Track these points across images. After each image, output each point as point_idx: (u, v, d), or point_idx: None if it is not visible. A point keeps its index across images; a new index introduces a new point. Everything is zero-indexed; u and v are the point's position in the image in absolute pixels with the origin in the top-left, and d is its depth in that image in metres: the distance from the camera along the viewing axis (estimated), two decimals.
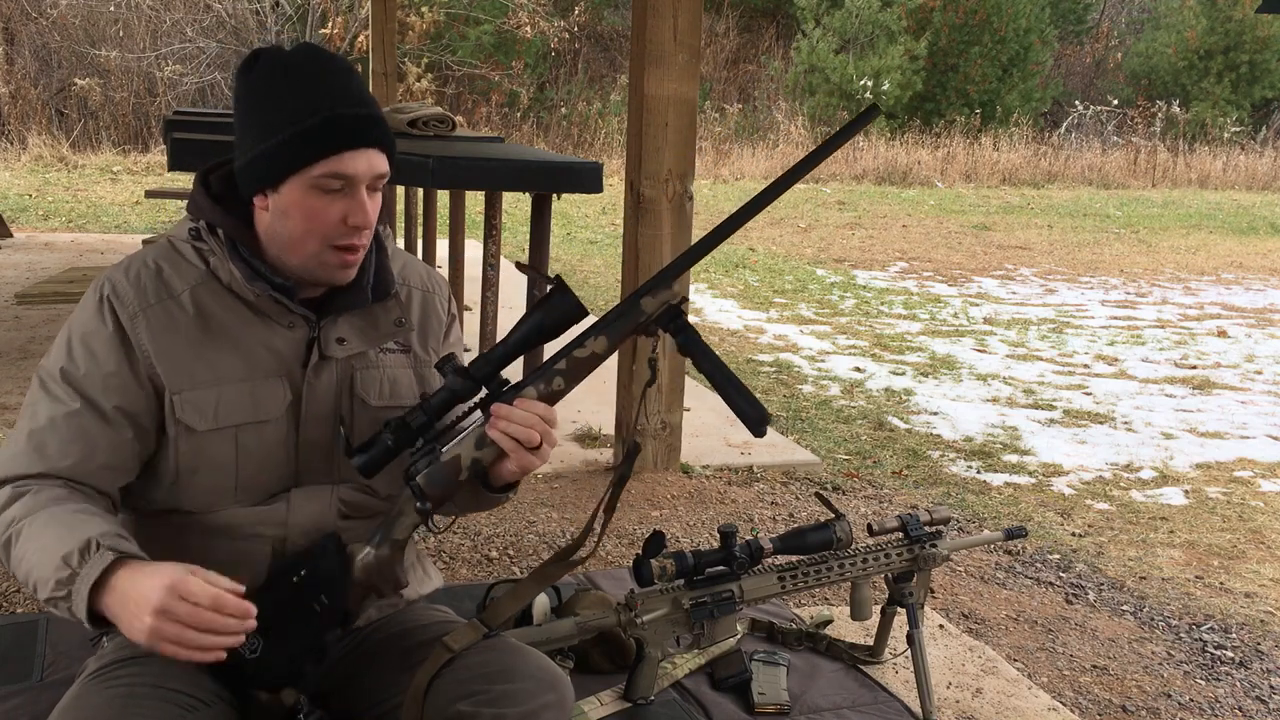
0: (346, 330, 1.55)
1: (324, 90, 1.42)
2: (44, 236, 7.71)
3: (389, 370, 1.59)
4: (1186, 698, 2.44)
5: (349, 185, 1.43)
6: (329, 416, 1.54)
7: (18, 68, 13.00)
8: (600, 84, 16.22)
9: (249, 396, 1.49)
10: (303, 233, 1.44)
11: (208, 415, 1.47)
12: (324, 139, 1.40)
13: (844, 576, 2.00)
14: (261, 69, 1.44)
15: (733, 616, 1.94)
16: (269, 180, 1.43)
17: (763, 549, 1.92)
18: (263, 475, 1.52)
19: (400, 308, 1.61)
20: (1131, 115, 17.68)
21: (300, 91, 1.41)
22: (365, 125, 1.44)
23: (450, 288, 1.75)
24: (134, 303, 1.46)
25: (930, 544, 2.04)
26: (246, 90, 1.45)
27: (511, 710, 1.46)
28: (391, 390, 1.59)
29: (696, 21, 3.32)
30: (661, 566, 1.85)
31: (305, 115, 1.40)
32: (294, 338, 1.52)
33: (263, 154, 1.41)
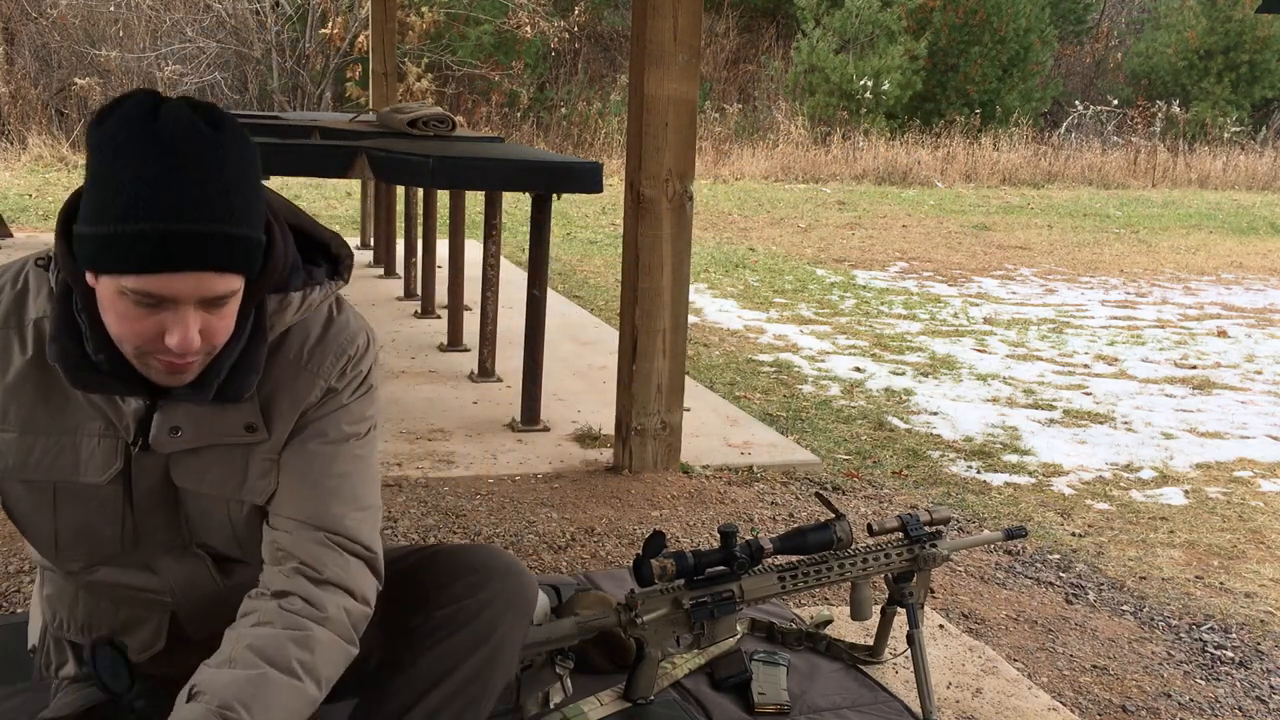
0: (185, 420, 1.34)
1: (167, 190, 1.14)
2: (44, 236, 7.70)
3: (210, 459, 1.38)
4: (1186, 698, 2.44)
5: (168, 303, 1.19)
6: (157, 492, 1.39)
7: (18, 68, 13.00)
8: (600, 84, 16.22)
9: (70, 452, 1.33)
10: (119, 334, 1.23)
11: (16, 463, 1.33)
12: (139, 255, 1.15)
13: (844, 576, 2.00)
14: (114, 127, 1.16)
15: (733, 616, 1.93)
16: (86, 266, 1.20)
17: (763, 549, 1.92)
18: (86, 539, 1.39)
19: (254, 411, 1.35)
20: (1131, 115, 17.67)
21: (137, 182, 1.14)
22: (201, 246, 1.16)
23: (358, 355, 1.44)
24: None
25: (930, 544, 2.04)
26: (91, 145, 1.19)
27: (466, 600, 1.46)
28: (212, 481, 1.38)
29: (696, 21, 3.32)
30: (662, 566, 1.85)
31: (120, 219, 1.14)
32: (128, 407, 1.33)
33: (85, 236, 1.18)
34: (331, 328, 1.41)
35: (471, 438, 3.82)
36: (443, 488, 3.37)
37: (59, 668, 1.52)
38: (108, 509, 1.37)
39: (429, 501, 3.26)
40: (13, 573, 2.64)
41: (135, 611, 1.48)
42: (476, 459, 3.62)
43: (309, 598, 1.32)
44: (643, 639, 1.91)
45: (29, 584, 2.60)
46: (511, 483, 3.47)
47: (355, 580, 1.37)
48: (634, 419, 3.54)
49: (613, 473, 3.57)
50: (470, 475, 3.48)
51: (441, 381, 4.52)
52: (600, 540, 3.06)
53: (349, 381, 1.41)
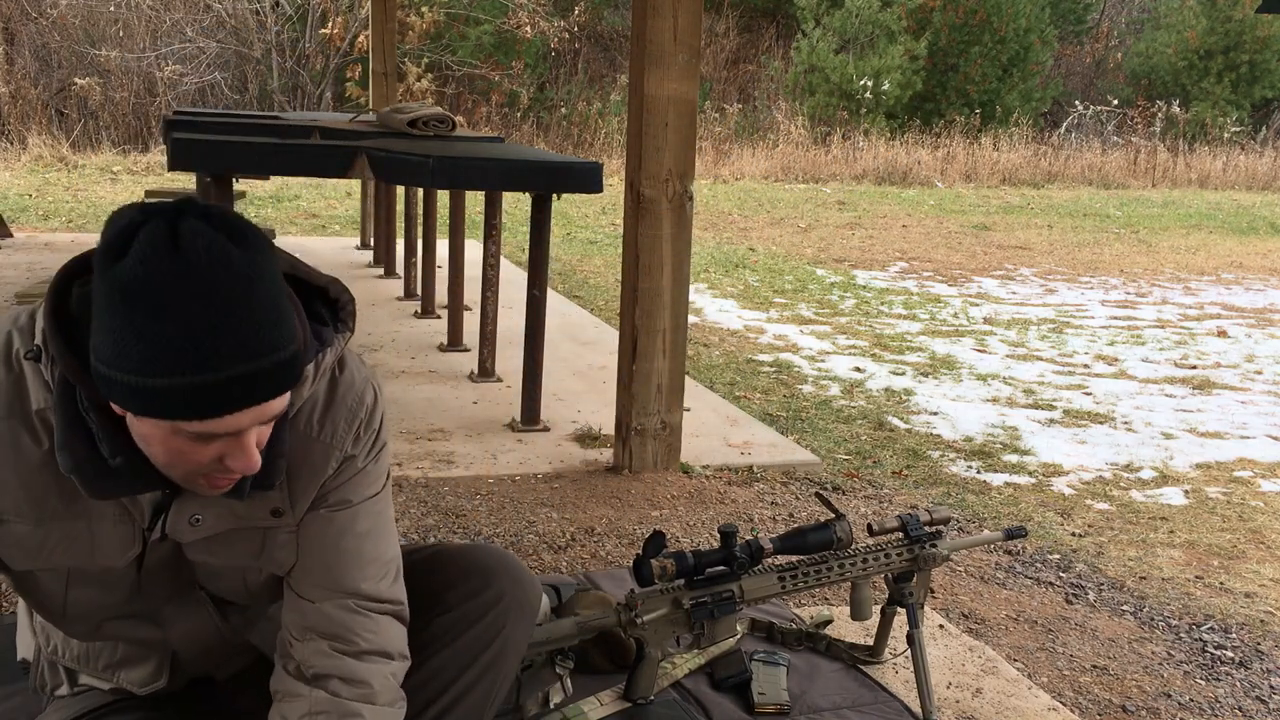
0: (204, 508, 1.29)
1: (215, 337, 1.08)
2: (44, 236, 7.70)
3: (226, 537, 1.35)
4: (1186, 698, 2.44)
5: (229, 437, 1.16)
6: (168, 563, 1.35)
7: (18, 68, 13.00)
8: (600, 84, 16.22)
9: (87, 540, 1.28)
10: (169, 464, 1.18)
11: (29, 555, 1.29)
12: (193, 405, 1.10)
13: (844, 576, 2.00)
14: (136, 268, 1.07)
15: (733, 616, 1.93)
16: (124, 408, 1.14)
17: (763, 549, 1.92)
18: (93, 610, 1.37)
19: (282, 496, 1.32)
20: (1131, 115, 17.67)
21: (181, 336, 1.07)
22: (255, 386, 1.12)
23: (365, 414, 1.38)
24: None
25: (930, 544, 2.04)
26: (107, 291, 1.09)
27: (471, 603, 1.47)
28: (227, 553, 1.35)
29: (696, 21, 3.32)
30: (662, 566, 1.85)
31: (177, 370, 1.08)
32: (144, 496, 1.28)
33: (117, 382, 1.10)
34: (338, 390, 1.34)
35: (471, 438, 3.82)
36: (443, 488, 3.38)
37: (54, 689, 1.52)
38: (120, 582, 1.34)
39: (429, 501, 3.26)
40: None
41: (134, 653, 1.46)
42: (476, 459, 3.62)
43: (352, 677, 1.33)
44: (643, 639, 1.91)
45: None
46: (511, 483, 3.47)
47: (390, 641, 1.37)
48: (634, 419, 3.54)
49: (613, 473, 3.57)
50: (470, 475, 3.48)
51: (441, 381, 4.52)
52: (600, 540, 3.06)
53: (363, 446, 1.37)
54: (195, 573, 1.37)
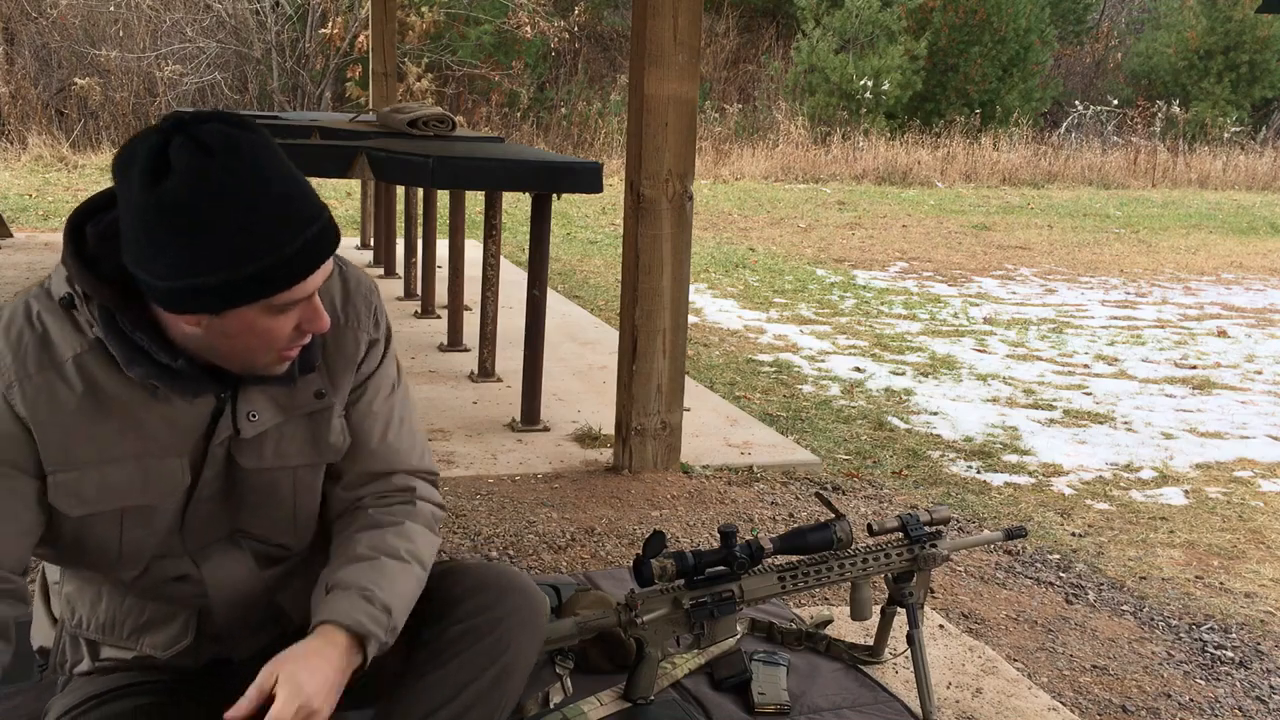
0: (260, 402, 1.40)
1: (278, 216, 1.22)
2: (44, 236, 7.70)
3: (276, 434, 1.43)
4: (1186, 698, 2.44)
5: (301, 300, 1.30)
6: (216, 480, 1.43)
7: (18, 68, 13.00)
8: (600, 84, 16.22)
9: (140, 476, 1.35)
10: (251, 349, 1.30)
11: (87, 500, 1.33)
12: (289, 274, 1.24)
13: (844, 576, 2.00)
14: (184, 184, 1.17)
15: (733, 616, 1.93)
16: (213, 311, 1.24)
17: (763, 549, 1.92)
18: (147, 546, 1.42)
19: (322, 377, 1.44)
20: (1131, 115, 17.68)
21: (254, 221, 1.20)
22: (325, 241, 1.27)
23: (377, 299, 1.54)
24: (11, 370, 1.29)
25: (930, 544, 2.04)
26: (163, 207, 1.18)
27: (480, 618, 1.49)
28: (278, 451, 1.44)
29: (696, 21, 3.32)
30: (662, 567, 1.85)
31: (266, 251, 1.21)
32: (197, 410, 1.36)
33: (204, 288, 1.21)
34: (349, 281, 1.49)
35: (471, 438, 3.82)
36: (443, 488, 3.37)
37: (74, 665, 1.53)
38: (169, 517, 1.41)
39: None
40: None
41: (164, 608, 1.49)
42: (476, 459, 3.62)
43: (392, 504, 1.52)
44: (643, 639, 1.91)
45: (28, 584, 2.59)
46: (511, 483, 3.47)
47: (428, 493, 1.58)
48: (634, 419, 3.54)
49: (613, 473, 3.57)
50: (470, 475, 3.48)
51: (441, 381, 4.53)
52: (600, 540, 3.06)
53: (381, 329, 1.52)
54: (246, 500, 1.45)
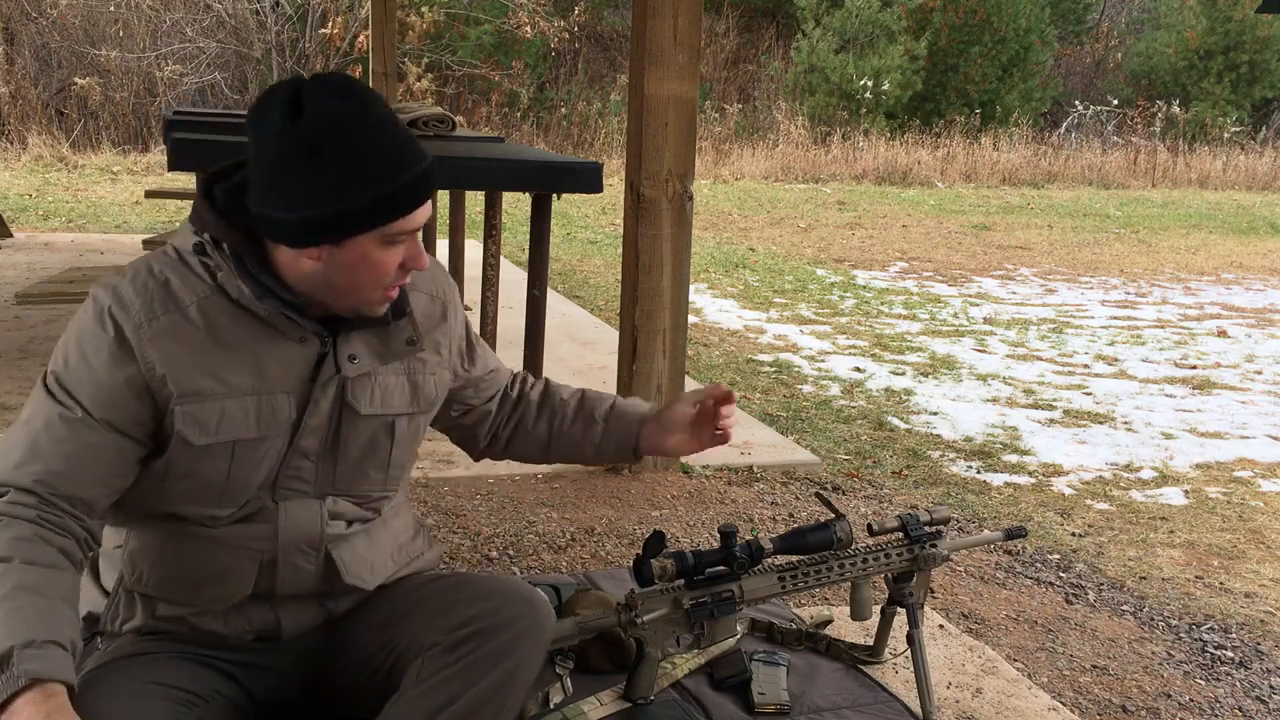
0: (359, 347, 1.55)
1: (391, 150, 1.41)
2: (44, 236, 7.70)
3: (383, 379, 1.59)
4: (1186, 698, 2.44)
5: (411, 234, 1.47)
6: (322, 426, 1.55)
7: (18, 68, 13.00)
8: (600, 84, 16.22)
9: (253, 411, 1.48)
10: (363, 281, 1.46)
11: (209, 429, 1.46)
12: (404, 203, 1.42)
13: (844, 577, 2.00)
14: (316, 121, 1.38)
15: (733, 616, 1.93)
16: (334, 239, 1.42)
17: (763, 549, 1.92)
18: (248, 485, 1.52)
19: (413, 326, 1.62)
20: (1131, 115, 17.68)
21: (373, 155, 1.39)
22: (430, 178, 1.46)
23: (454, 288, 1.76)
24: (140, 313, 1.43)
25: (930, 544, 2.04)
26: (298, 142, 1.38)
27: (486, 623, 1.52)
28: (384, 399, 1.59)
29: (696, 21, 3.32)
30: (662, 567, 1.85)
31: (385, 181, 1.40)
32: (305, 353, 1.51)
33: (331, 215, 1.39)
34: (433, 261, 1.69)
35: None
36: (443, 488, 3.38)
37: (125, 621, 1.57)
38: (274, 457, 1.52)
39: (429, 501, 3.26)
40: None
41: (229, 560, 1.54)
42: None
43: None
44: (643, 639, 1.91)
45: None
46: (511, 483, 3.47)
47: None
48: None
49: (613, 473, 3.57)
50: (470, 475, 3.48)
51: None
52: (600, 540, 3.06)
53: (453, 289, 1.74)
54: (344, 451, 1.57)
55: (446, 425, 1.86)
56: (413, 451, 1.70)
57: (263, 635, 1.60)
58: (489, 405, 1.86)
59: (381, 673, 1.58)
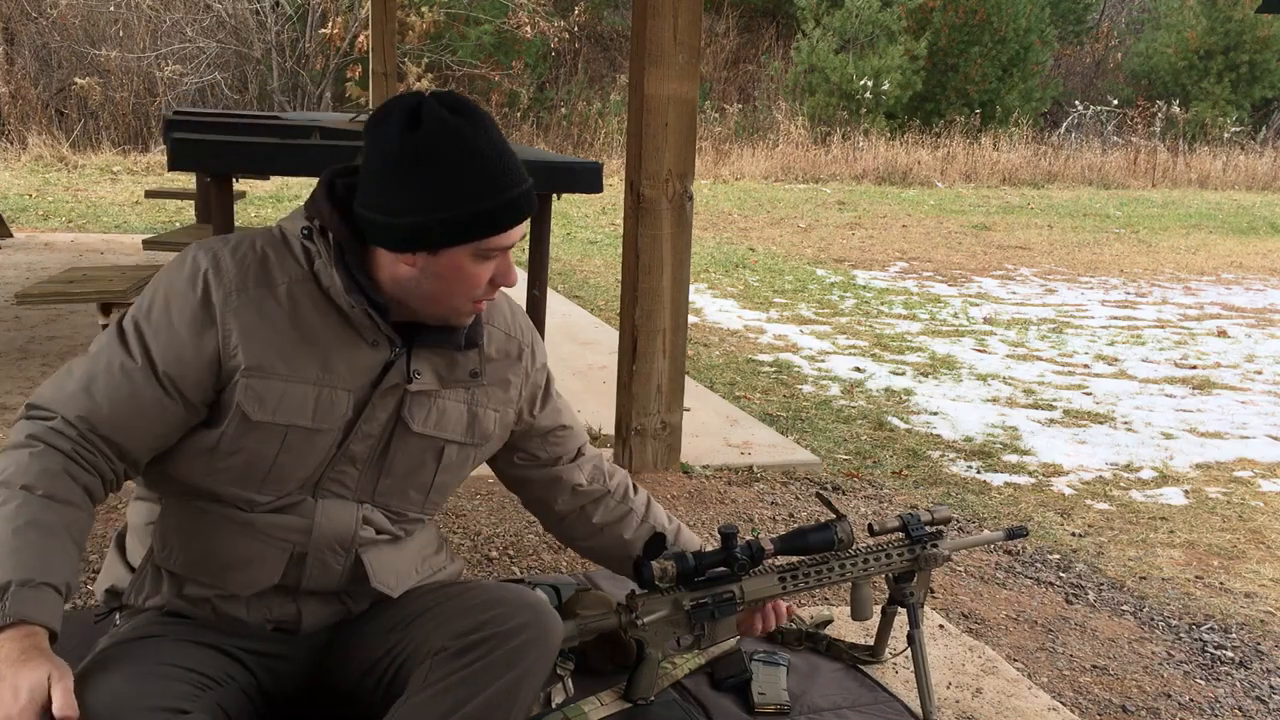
0: (425, 365, 1.58)
1: (499, 170, 1.46)
2: (44, 236, 7.71)
3: (442, 402, 1.62)
4: (1186, 698, 2.44)
5: (504, 251, 1.51)
6: (375, 435, 1.57)
7: (18, 68, 13.00)
8: (600, 84, 16.22)
9: (313, 401, 1.51)
10: (455, 292, 1.50)
11: (268, 407, 1.49)
12: (503, 220, 1.47)
13: (845, 577, 2.00)
14: (432, 133, 1.43)
15: (733, 617, 1.93)
16: (431, 248, 1.46)
17: (763, 550, 1.92)
18: (292, 476, 1.54)
19: (480, 360, 1.65)
20: (1131, 115, 17.68)
21: (481, 171, 1.44)
22: (529, 199, 1.50)
23: (536, 336, 1.80)
24: (233, 281, 1.47)
25: (932, 544, 2.04)
26: (413, 151, 1.43)
27: (495, 630, 1.53)
28: (438, 422, 1.62)
29: (696, 21, 3.32)
30: (663, 568, 1.85)
31: (487, 197, 1.45)
32: (374, 357, 1.54)
33: (433, 224, 1.44)
34: (515, 306, 1.79)
35: None
36: None
37: (149, 597, 1.58)
38: (322, 453, 1.54)
39: None
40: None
41: (260, 547, 1.55)
42: None
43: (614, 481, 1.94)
44: (643, 640, 1.91)
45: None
46: None
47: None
48: (634, 419, 3.54)
49: None
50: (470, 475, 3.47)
51: None
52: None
53: (537, 340, 1.80)
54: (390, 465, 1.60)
55: (512, 476, 1.89)
56: (456, 480, 1.72)
57: (281, 626, 1.61)
58: (561, 470, 1.87)
59: (387, 676, 1.59)
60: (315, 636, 1.65)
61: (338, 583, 1.62)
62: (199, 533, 1.55)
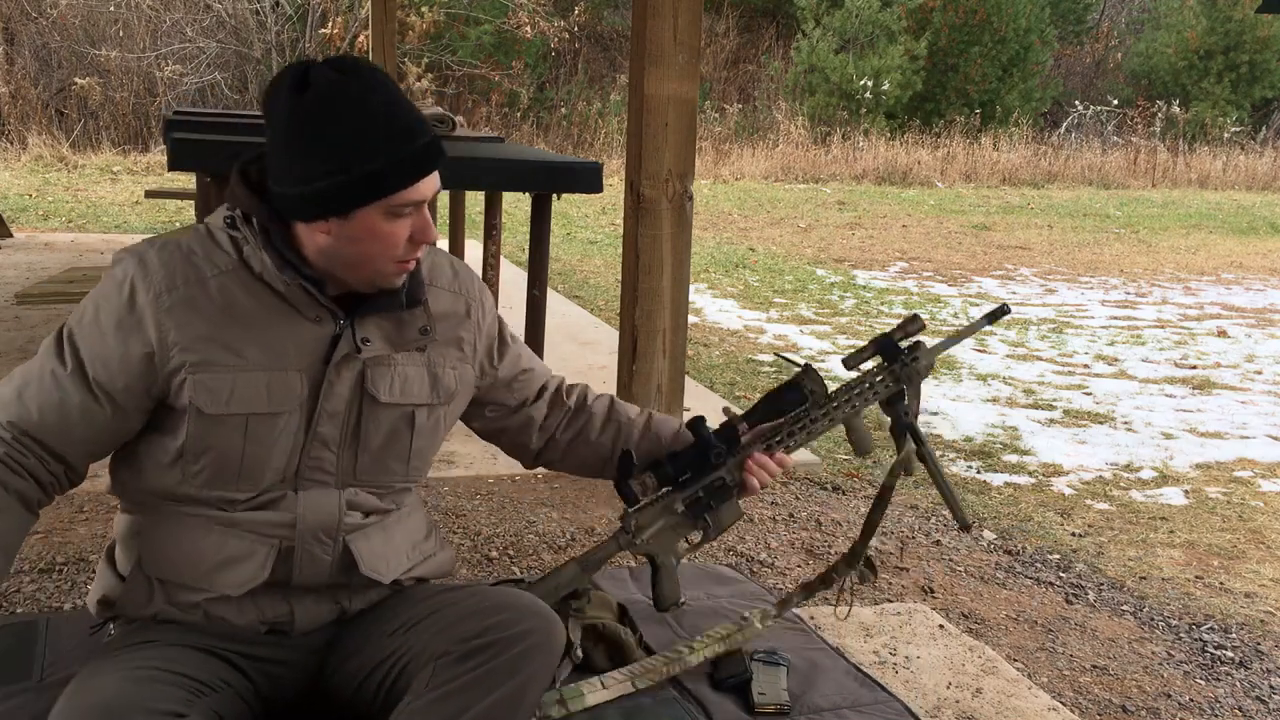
0: (373, 332, 1.58)
1: (393, 123, 1.45)
2: (44, 236, 7.71)
3: (401, 368, 1.61)
4: (1186, 698, 2.44)
5: (417, 207, 1.49)
6: (341, 413, 1.57)
7: (18, 68, 13.00)
8: (600, 84, 16.22)
9: (264, 387, 1.51)
10: (373, 254, 1.49)
11: (221, 399, 1.49)
12: (402, 176, 1.45)
13: (834, 422, 1.92)
14: (320, 95, 1.42)
15: (733, 500, 1.88)
16: (341, 211, 1.45)
17: (737, 430, 1.85)
18: (268, 466, 1.53)
19: (427, 316, 1.63)
20: (1131, 115, 17.68)
21: (373, 126, 1.43)
22: (433, 150, 1.49)
23: (484, 289, 1.78)
24: (160, 282, 1.47)
25: (911, 359, 1.94)
26: (303, 116, 1.43)
27: (499, 635, 1.53)
28: (403, 389, 1.61)
29: (696, 21, 3.32)
30: (642, 484, 1.80)
31: (384, 152, 1.43)
32: (319, 333, 1.54)
33: (337, 186, 1.43)
34: (458, 264, 1.76)
35: (472, 438, 3.79)
36: (443, 488, 3.38)
37: (140, 607, 1.58)
38: (288, 439, 1.54)
39: (429, 501, 3.26)
40: (12, 573, 2.64)
41: (246, 545, 1.55)
42: (476, 459, 3.62)
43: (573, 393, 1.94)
44: (651, 554, 1.86)
45: (29, 584, 2.60)
46: (511, 483, 3.47)
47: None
48: None
49: None
50: (470, 475, 3.48)
51: None
52: (600, 540, 3.06)
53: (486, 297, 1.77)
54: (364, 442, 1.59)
55: (488, 429, 1.87)
56: (434, 444, 1.71)
57: (275, 627, 1.60)
58: (530, 410, 1.86)
59: (389, 680, 1.58)
60: (311, 639, 1.64)
61: (328, 574, 1.61)
62: (183, 538, 1.55)
